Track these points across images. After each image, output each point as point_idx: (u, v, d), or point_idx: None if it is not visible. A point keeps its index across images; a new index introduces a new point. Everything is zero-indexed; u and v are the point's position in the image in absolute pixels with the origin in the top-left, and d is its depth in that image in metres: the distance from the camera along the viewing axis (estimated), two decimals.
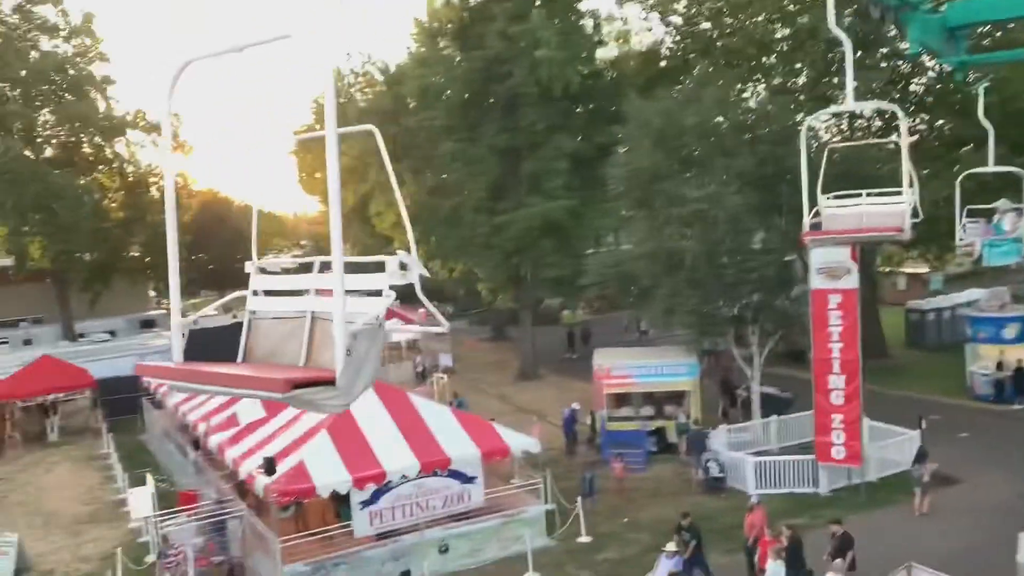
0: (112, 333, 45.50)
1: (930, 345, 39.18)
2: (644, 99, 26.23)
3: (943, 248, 35.80)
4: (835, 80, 31.85)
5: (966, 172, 17.19)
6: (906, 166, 13.69)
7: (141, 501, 18.77)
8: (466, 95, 34.60)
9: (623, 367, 25.02)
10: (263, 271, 5.78)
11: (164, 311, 58.89)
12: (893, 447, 22.64)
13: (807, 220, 16.53)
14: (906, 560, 15.56)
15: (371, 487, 16.81)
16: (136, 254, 45.83)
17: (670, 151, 23.80)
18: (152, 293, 57.72)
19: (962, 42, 10.68)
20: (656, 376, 24.89)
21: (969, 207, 16.93)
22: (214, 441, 20.20)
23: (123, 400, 32.78)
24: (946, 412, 27.82)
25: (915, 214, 13.63)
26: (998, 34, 27.82)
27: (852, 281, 19.97)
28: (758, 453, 23.62)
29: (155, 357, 35.41)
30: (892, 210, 13.55)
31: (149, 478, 20.39)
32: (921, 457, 19.75)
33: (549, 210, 32.63)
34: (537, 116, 33.15)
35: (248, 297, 5.68)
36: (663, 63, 34.65)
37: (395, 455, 17.31)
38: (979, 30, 24.38)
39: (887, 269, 42.57)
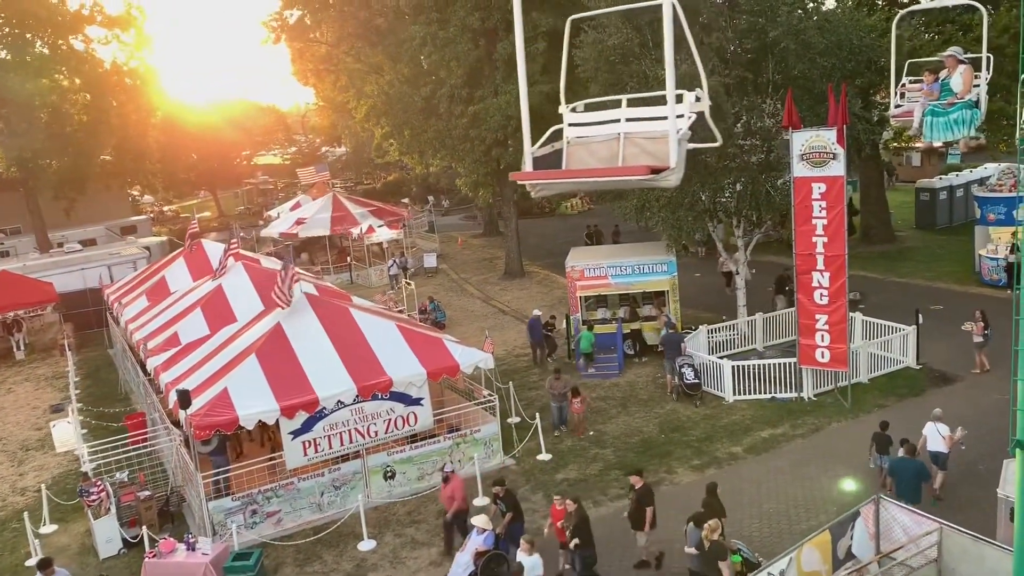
0: (93, 242, 44.29)
1: (941, 226, 37.01)
2: None
3: None
4: None
5: (904, 11, 14.35)
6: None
7: (63, 432, 17.66)
8: None
9: (598, 267, 23.26)
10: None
11: (146, 215, 57.55)
12: (886, 344, 21.11)
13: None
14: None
15: (302, 415, 15.51)
16: (108, 158, 43.85)
17: (640, 27, 21.23)
18: (135, 193, 55.99)
19: None
20: (633, 276, 23.13)
21: (912, 61, 13.23)
22: (151, 363, 18.96)
23: (91, 314, 31.74)
24: (952, 300, 26.09)
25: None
26: None
27: (838, 168, 17.84)
28: (740, 355, 22.19)
29: (126, 267, 34.28)
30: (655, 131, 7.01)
31: (70, 408, 19.22)
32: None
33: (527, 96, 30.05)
34: None
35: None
36: None
37: (330, 379, 15.91)
38: None
39: (897, 144, 39.74)
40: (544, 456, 17.79)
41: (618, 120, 7.25)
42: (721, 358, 20.62)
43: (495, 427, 17.73)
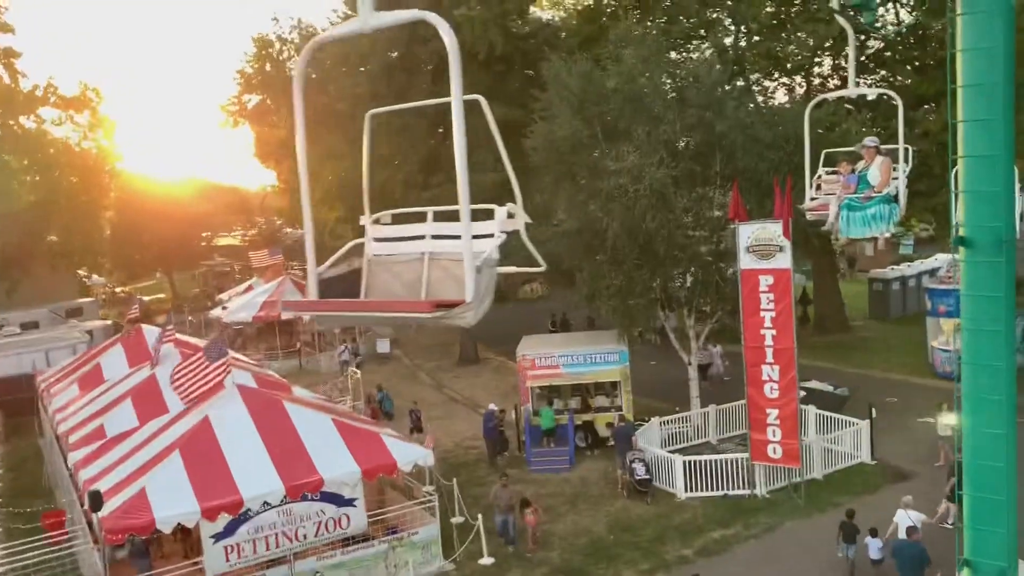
0: (35, 324, 42.87)
1: (894, 316, 37.22)
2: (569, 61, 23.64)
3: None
4: (783, 35, 29.52)
5: (819, 97, 13.63)
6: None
7: None
8: (389, 59, 31.85)
9: (549, 356, 22.75)
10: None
11: (95, 298, 56.19)
12: (842, 440, 20.70)
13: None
14: None
15: (225, 517, 14.53)
16: (55, 239, 42.93)
17: (590, 118, 21.33)
18: (83, 273, 54.66)
19: None
20: (585, 366, 22.64)
21: (828, 151, 12.55)
22: (72, 458, 17.84)
23: (24, 400, 30.28)
24: (906, 393, 25.88)
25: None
26: None
27: (785, 260, 17.73)
28: (693, 449, 21.63)
29: (66, 352, 32.99)
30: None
31: None
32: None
33: (481, 184, 30.07)
34: (466, 81, 30.40)
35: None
36: (603, 20, 31.95)
37: (257, 478, 15.00)
38: None
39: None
40: (486, 560, 16.85)
41: (423, 237, 6.29)
42: (673, 452, 20.03)
43: (435, 529, 16.81)
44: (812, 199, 9.87)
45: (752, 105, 27.65)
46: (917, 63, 29.37)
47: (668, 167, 19.91)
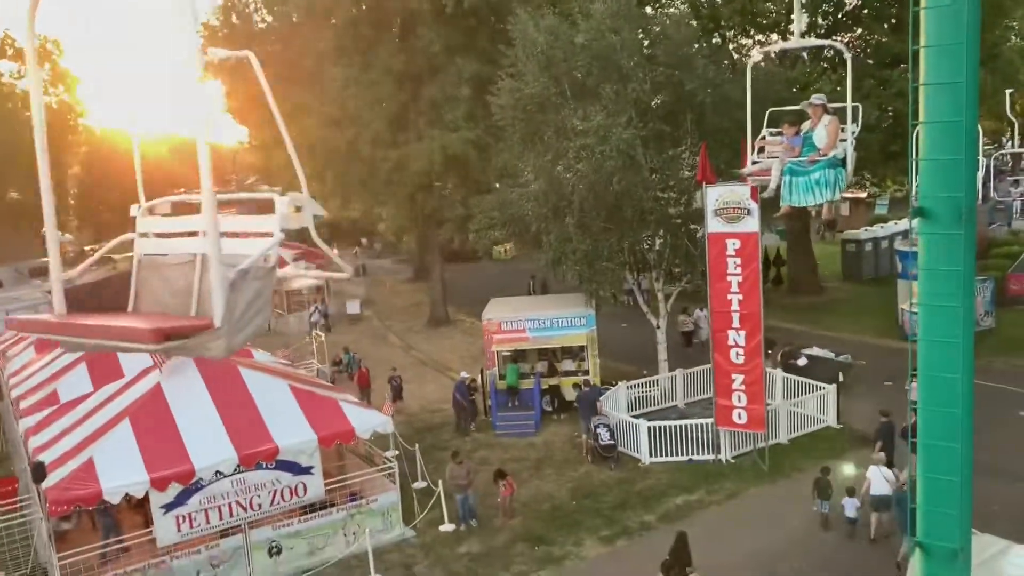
0: None
1: (867, 278, 37.18)
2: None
3: (876, 173, 33.57)
4: None
5: (763, 50, 12.07)
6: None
7: None
8: (355, 12, 30.86)
9: (515, 320, 22.42)
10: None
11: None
12: (807, 404, 20.62)
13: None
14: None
15: (176, 487, 14.17)
16: (16, 196, 41.81)
17: (558, 76, 20.71)
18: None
19: None
20: (552, 330, 22.35)
21: (773, 110, 10.75)
22: (23, 425, 17.38)
23: None
24: (875, 355, 25.81)
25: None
26: None
27: (753, 223, 17.38)
28: (660, 413, 21.50)
29: (26, 312, 32.24)
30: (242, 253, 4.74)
31: None
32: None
33: (450, 143, 29.50)
34: (434, 36, 29.65)
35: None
36: None
37: (209, 446, 14.63)
38: None
39: None
40: (447, 527, 16.65)
41: (197, 233, 4.98)
42: (638, 417, 19.86)
43: (394, 496, 16.56)
44: (754, 163, 8.73)
45: (727, 62, 27.11)
46: (894, 20, 28.84)
47: (636, 127, 19.41)
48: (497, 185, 24.35)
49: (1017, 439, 18.65)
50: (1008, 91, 22.47)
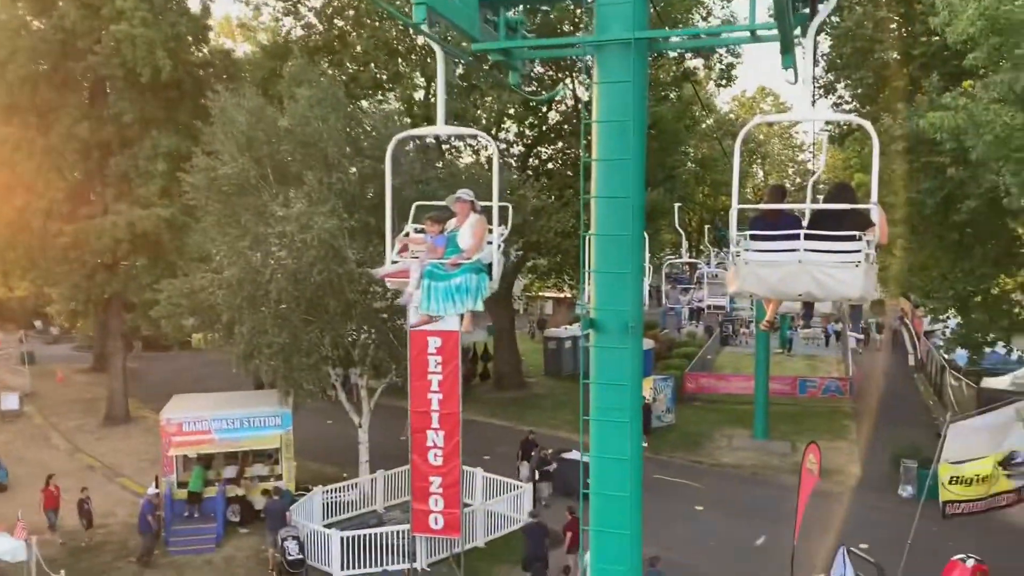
0: None
1: (566, 374, 38.98)
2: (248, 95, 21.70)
3: (574, 276, 35.81)
4: (472, 98, 30.06)
5: (399, 136, 10.37)
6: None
7: None
8: (35, 68, 27.48)
9: (200, 420, 20.22)
10: None
11: None
12: (504, 503, 20.51)
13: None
14: None
15: None
16: None
17: (260, 158, 19.57)
18: None
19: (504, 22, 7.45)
20: (242, 431, 20.42)
21: (419, 204, 10.05)
22: None
23: None
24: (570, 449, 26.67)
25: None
26: None
27: (453, 323, 17.15)
28: (358, 519, 20.26)
29: None
30: None
31: None
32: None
33: (140, 219, 26.80)
34: (127, 105, 27.20)
35: None
36: (289, 58, 30.48)
37: None
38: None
39: (528, 294, 42.11)
40: None
41: None
42: (330, 526, 18.47)
43: None
44: (393, 262, 7.18)
45: (440, 164, 27.60)
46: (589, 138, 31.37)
47: (342, 217, 18.70)
48: (187, 272, 22.20)
49: (696, 534, 19.82)
50: (676, 204, 24.85)
